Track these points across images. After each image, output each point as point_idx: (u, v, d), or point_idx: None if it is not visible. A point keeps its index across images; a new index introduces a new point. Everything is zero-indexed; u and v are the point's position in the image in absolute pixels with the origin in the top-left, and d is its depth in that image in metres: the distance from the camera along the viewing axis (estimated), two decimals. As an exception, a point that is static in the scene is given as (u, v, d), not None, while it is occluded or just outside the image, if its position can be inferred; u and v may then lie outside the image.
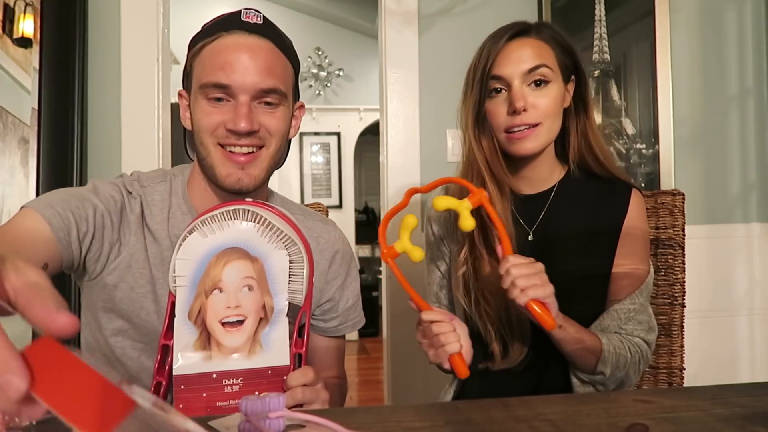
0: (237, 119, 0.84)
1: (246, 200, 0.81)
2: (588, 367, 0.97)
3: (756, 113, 1.86)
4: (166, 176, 0.95)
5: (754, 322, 1.84)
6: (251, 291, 0.79)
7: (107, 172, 1.66)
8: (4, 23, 1.61)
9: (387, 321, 1.80)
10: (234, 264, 0.78)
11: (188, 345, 0.77)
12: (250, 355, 0.78)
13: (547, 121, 0.99)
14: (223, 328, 0.78)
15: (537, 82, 0.99)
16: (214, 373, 0.77)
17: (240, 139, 0.85)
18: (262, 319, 0.79)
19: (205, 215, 0.79)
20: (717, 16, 1.86)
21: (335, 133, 5.44)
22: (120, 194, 0.89)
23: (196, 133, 0.88)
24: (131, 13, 1.67)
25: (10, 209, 1.59)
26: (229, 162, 0.86)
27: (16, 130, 1.60)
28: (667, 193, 1.18)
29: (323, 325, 1.02)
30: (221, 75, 0.83)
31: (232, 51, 0.84)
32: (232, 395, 0.78)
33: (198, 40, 0.89)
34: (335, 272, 1.01)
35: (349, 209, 5.52)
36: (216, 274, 0.78)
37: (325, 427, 0.57)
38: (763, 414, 0.62)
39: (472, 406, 0.68)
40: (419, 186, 0.99)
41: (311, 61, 5.30)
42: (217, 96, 0.85)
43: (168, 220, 0.91)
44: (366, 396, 3.72)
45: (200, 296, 0.77)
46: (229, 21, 0.87)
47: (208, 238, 0.79)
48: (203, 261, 0.79)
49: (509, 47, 1.00)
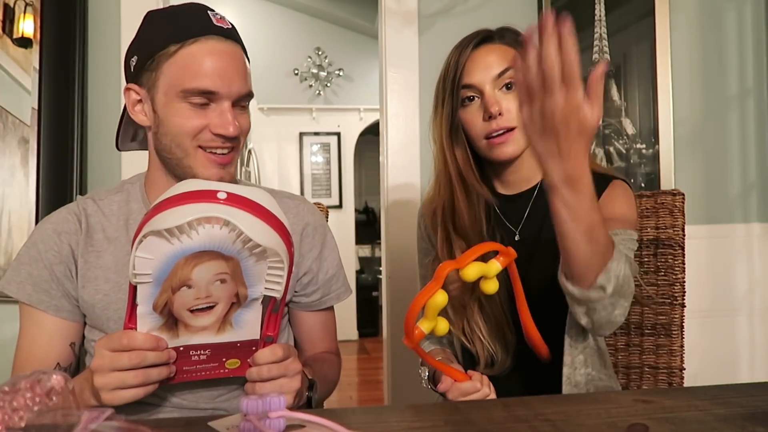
0: (225, 125, 0.86)
1: (218, 196, 0.70)
2: (591, 272, 0.80)
3: (756, 113, 1.86)
4: (123, 186, 0.99)
5: (754, 322, 1.84)
6: (224, 284, 0.73)
7: (107, 171, 1.66)
8: (4, 23, 1.61)
9: (387, 321, 1.80)
10: (205, 264, 0.72)
11: (153, 329, 0.75)
12: (218, 333, 0.77)
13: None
14: (191, 313, 0.75)
15: (507, 85, 1.00)
16: (180, 346, 0.77)
17: (224, 143, 0.88)
18: (234, 304, 0.76)
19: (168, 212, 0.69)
20: (717, 16, 1.86)
21: (335, 133, 5.44)
22: (75, 221, 0.93)
23: (171, 135, 0.87)
24: (131, 13, 1.67)
25: (10, 209, 1.59)
26: (210, 164, 0.89)
27: (16, 130, 1.60)
28: (667, 193, 1.18)
29: (306, 300, 1.03)
30: (207, 81, 0.85)
31: (215, 57, 0.85)
32: (200, 362, 0.78)
33: (167, 40, 0.86)
34: (309, 245, 1.02)
35: (349, 209, 5.52)
36: (185, 274, 0.72)
37: (325, 427, 0.57)
38: (763, 414, 0.62)
39: (472, 406, 0.68)
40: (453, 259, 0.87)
41: (311, 61, 5.29)
42: (200, 101, 0.86)
43: (126, 226, 0.93)
44: (366, 396, 3.72)
45: (166, 292, 0.72)
46: (202, 25, 0.87)
47: (175, 245, 0.69)
48: (169, 262, 0.70)
49: (476, 55, 1.01)
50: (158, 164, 0.94)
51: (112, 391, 0.72)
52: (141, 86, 0.89)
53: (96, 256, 0.92)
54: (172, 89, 0.86)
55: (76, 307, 0.92)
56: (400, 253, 1.75)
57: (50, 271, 0.90)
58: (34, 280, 0.90)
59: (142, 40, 0.90)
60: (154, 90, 0.88)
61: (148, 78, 0.88)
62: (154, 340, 0.74)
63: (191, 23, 0.87)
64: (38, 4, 1.60)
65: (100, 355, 0.73)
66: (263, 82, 4.78)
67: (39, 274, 0.90)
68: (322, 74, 5.31)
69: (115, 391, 0.72)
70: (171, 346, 0.76)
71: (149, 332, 0.75)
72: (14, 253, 1.58)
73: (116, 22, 1.66)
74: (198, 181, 0.76)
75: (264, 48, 5.09)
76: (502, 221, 1.07)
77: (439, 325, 0.81)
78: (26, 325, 0.91)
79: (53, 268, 0.90)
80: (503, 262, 0.82)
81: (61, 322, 0.91)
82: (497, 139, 0.99)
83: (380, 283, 5.10)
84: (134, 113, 0.92)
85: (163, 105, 0.87)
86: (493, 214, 1.07)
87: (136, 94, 0.90)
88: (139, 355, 0.73)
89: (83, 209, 0.95)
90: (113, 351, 0.73)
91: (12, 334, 0.99)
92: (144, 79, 0.89)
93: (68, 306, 0.91)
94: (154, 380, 0.75)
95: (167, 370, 0.76)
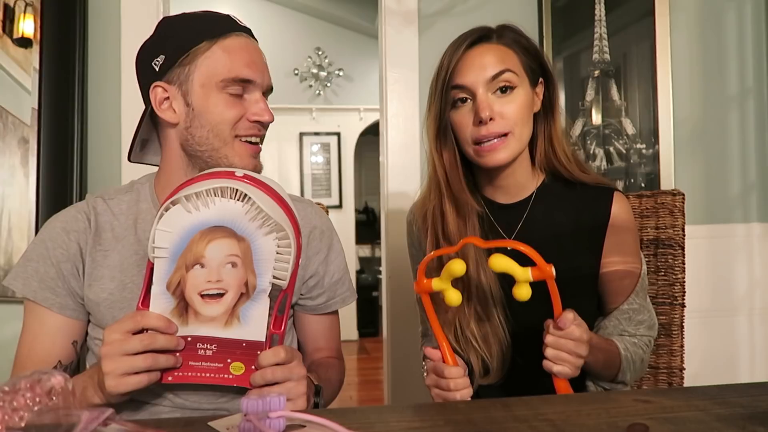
0: (263, 112, 0.92)
1: (236, 174, 0.79)
2: (608, 378, 0.98)
3: (756, 113, 1.86)
4: (132, 186, 1.00)
5: (754, 322, 1.84)
6: (234, 268, 0.77)
7: (107, 172, 1.66)
8: (4, 23, 1.61)
9: (387, 321, 1.80)
10: (218, 242, 0.76)
11: (165, 312, 0.77)
12: (226, 326, 0.78)
13: (517, 129, 0.96)
14: (201, 299, 0.77)
15: (502, 88, 0.95)
16: (189, 336, 0.78)
17: (260, 131, 0.94)
18: (242, 295, 0.78)
19: (189, 187, 0.77)
20: (717, 16, 1.86)
21: (335, 133, 5.43)
22: (84, 220, 0.94)
23: (211, 125, 0.90)
24: (131, 13, 1.66)
25: (10, 209, 1.59)
26: (246, 153, 0.92)
27: (16, 130, 1.60)
28: (667, 193, 1.18)
29: (311, 303, 1.03)
30: (247, 71, 0.90)
31: (250, 51, 0.92)
32: (206, 358, 0.79)
33: (199, 37, 0.89)
34: (316, 248, 1.03)
35: (349, 209, 5.52)
36: (199, 251, 0.76)
37: (326, 427, 0.57)
38: (763, 414, 0.62)
39: (472, 406, 0.68)
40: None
41: (311, 61, 5.29)
42: (237, 91, 0.90)
43: (135, 226, 0.94)
44: (366, 396, 3.72)
45: (180, 270, 0.77)
46: (231, 24, 0.93)
47: (193, 213, 0.76)
48: (186, 235, 0.76)
49: (470, 54, 0.97)
50: (180, 163, 0.94)
51: (119, 376, 0.73)
52: (170, 83, 0.91)
53: (103, 255, 0.92)
54: (211, 80, 0.89)
55: (81, 306, 0.92)
56: (400, 253, 1.75)
57: (57, 268, 0.91)
58: (41, 276, 0.91)
59: (167, 38, 0.92)
60: (187, 84, 0.90)
61: (179, 74, 0.90)
62: (166, 320, 0.77)
63: (221, 22, 0.93)
64: (38, 4, 1.60)
65: (110, 340, 0.74)
66: (263, 82, 4.76)
67: (45, 272, 0.91)
68: (322, 74, 5.30)
69: (122, 376, 0.73)
70: (180, 335, 0.78)
71: (162, 312, 0.77)
72: (14, 253, 1.58)
73: (116, 22, 1.66)
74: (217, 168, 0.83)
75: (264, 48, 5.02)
76: (495, 229, 1.04)
77: (450, 293, 0.83)
78: (29, 321, 0.92)
79: (60, 266, 0.91)
80: (535, 276, 0.80)
81: (65, 320, 0.91)
82: (486, 146, 0.95)
83: (380, 283, 5.10)
84: (161, 111, 0.92)
85: (200, 97, 0.90)
86: (487, 222, 1.04)
87: (164, 92, 0.92)
88: (151, 336, 0.74)
89: (93, 208, 0.95)
90: (125, 333, 0.74)
91: (13, 334, 0.99)
92: (174, 76, 0.90)
93: (72, 304, 0.92)
94: (162, 366, 0.75)
95: (174, 358, 0.77)
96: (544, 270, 0.79)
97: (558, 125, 1.02)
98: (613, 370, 0.97)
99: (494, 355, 0.99)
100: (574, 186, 1.03)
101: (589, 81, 1.80)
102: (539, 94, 1.02)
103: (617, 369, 0.97)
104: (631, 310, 1.01)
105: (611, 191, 1.02)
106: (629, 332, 1.01)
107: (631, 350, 0.98)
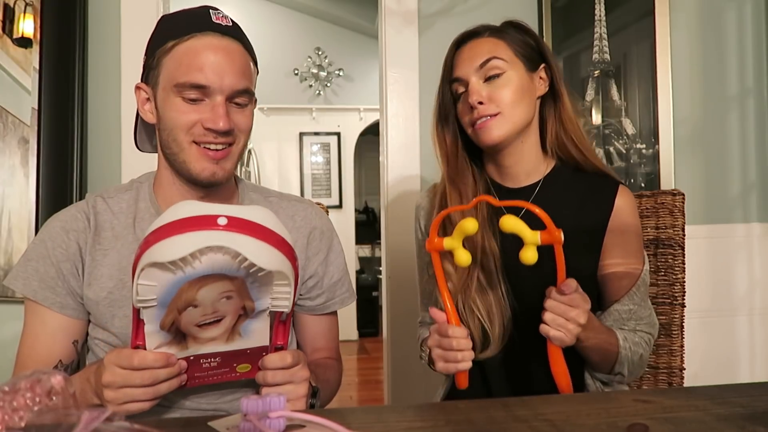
0: (216, 119, 0.87)
1: (218, 222, 0.67)
2: (605, 369, 0.99)
3: (756, 113, 1.86)
4: (132, 185, 1.00)
5: (754, 322, 1.84)
6: (230, 299, 0.72)
7: (107, 172, 1.66)
8: (4, 23, 1.61)
9: (387, 321, 1.80)
10: (210, 286, 0.70)
11: (163, 343, 0.74)
12: (228, 342, 0.76)
13: (507, 110, 1.01)
14: (199, 328, 0.74)
15: (492, 75, 1.02)
16: (191, 356, 0.77)
17: (217, 138, 0.89)
18: (241, 316, 0.75)
19: (169, 244, 0.66)
20: (717, 16, 1.86)
21: (335, 133, 5.43)
22: (84, 219, 0.93)
23: (168, 130, 0.90)
24: (131, 13, 1.66)
25: (10, 209, 1.59)
26: (203, 158, 0.89)
27: (16, 130, 1.60)
28: (667, 193, 1.18)
29: (310, 303, 1.04)
30: (200, 76, 0.86)
31: (209, 52, 0.87)
32: (210, 368, 0.78)
33: (166, 37, 0.89)
34: (315, 248, 1.03)
35: (349, 209, 5.52)
36: (190, 297, 0.70)
37: (326, 427, 0.57)
38: (763, 414, 0.62)
39: (472, 406, 0.68)
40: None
41: (311, 61, 5.29)
42: (194, 96, 0.87)
43: (134, 225, 0.94)
44: (366, 396, 3.72)
45: (173, 312, 0.71)
46: (201, 22, 0.89)
47: (177, 274, 0.67)
48: (173, 287, 0.68)
49: (463, 49, 1.06)
50: (165, 162, 0.95)
51: (120, 405, 0.73)
52: (147, 84, 0.93)
53: (103, 254, 0.92)
54: (168, 84, 0.88)
55: (81, 305, 0.92)
56: (400, 253, 1.75)
57: (57, 268, 0.91)
58: (41, 276, 0.91)
59: (151, 40, 0.93)
60: (156, 87, 0.91)
61: (152, 76, 0.91)
62: (165, 357, 0.73)
63: (191, 21, 0.89)
64: (38, 4, 1.60)
65: (111, 372, 0.73)
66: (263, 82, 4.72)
67: (46, 271, 0.91)
68: (322, 74, 5.30)
69: (124, 404, 0.73)
70: (181, 357, 0.76)
71: (159, 347, 0.74)
72: (14, 253, 1.58)
73: (116, 22, 1.66)
74: (195, 204, 0.70)
75: (264, 48, 5.07)
76: (501, 212, 1.06)
77: (460, 252, 0.83)
78: (30, 321, 0.92)
79: (60, 266, 0.91)
80: (543, 239, 0.80)
81: (65, 320, 0.91)
82: (480, 125, 1.02)
83: (380, 283, 5.10)
84: (143, 112, 0.94)
85: (161, 100, 0.90)
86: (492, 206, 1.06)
87: (145, 93, 0.93)
88: (152, 374, 0.73)
89: (92, 207, 0.95)
90: (125, 369, 0.73)
91: (12, 334, 0.99)
92: (151, 77, 0.92)
93: (73, 304, 0.92)
94: (164, 393, 0.75)
95: (177, 381, 0.76)
96: (553, 234, 0.80)
97: (566, 106, 1.07)
98: (610, 359, 0.97)
99: (495, 324, 1.01)
100: (581, 175, 1.07)
101: (589, 81, 1.80)
102: (544, 78, 1.07)
103: (614, 358, 0.97)
104: (631, 309, 1.01)
105: (616, 184, 1.05)
106: (629, 327, 1.02)
107: (630, 341, 0.98)
